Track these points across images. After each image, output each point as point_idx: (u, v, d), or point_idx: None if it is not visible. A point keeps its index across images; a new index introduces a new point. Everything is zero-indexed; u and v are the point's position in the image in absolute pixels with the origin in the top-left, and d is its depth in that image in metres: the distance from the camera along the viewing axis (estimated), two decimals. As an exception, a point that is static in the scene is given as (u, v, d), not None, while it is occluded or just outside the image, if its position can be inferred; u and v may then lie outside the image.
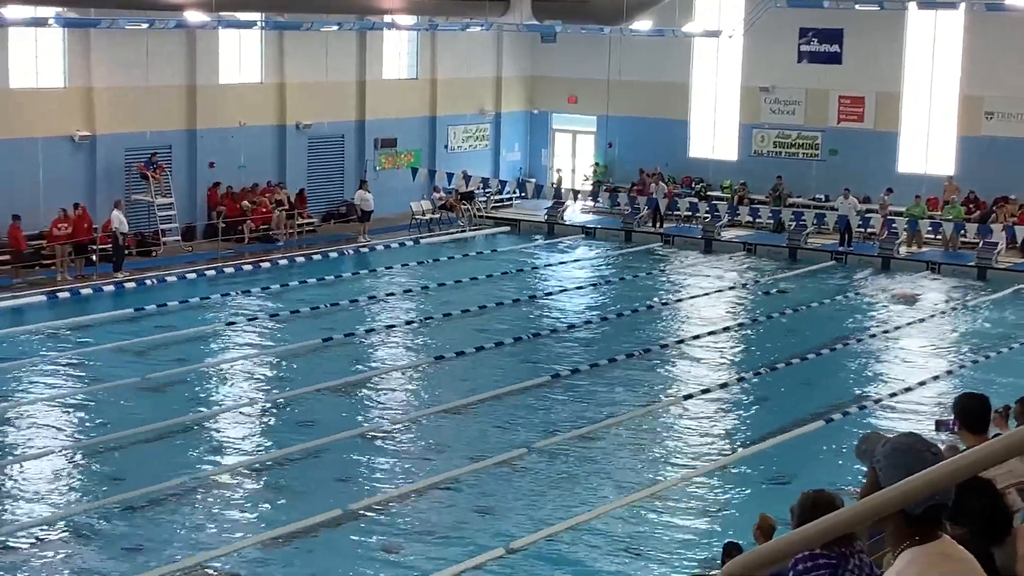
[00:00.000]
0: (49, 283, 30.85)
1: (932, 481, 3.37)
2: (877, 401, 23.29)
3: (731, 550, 11.89)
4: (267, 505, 18.00)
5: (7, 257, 30.89)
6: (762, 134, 42.32)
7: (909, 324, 29.24)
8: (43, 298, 29.65)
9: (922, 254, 36.67)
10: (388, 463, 19.83)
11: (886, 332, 28.52)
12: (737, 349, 27.50)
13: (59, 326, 27.48)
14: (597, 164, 45.12)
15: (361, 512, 17.42)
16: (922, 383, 24.41)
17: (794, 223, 38.42)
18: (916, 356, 26.81)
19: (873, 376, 25.45)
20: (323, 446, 20.14)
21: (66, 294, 30.05)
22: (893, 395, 23.63)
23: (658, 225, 40.21)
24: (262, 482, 18.91)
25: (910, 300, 30.64)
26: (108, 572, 15.51)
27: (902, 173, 39.90)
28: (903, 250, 36.80)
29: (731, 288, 33.11)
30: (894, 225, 37.21)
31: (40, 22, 30.40)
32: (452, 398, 22.86)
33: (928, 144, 40.02)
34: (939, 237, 37.39)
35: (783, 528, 11.01)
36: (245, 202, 36.45)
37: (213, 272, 32.84)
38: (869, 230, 37.71)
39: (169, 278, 32.00)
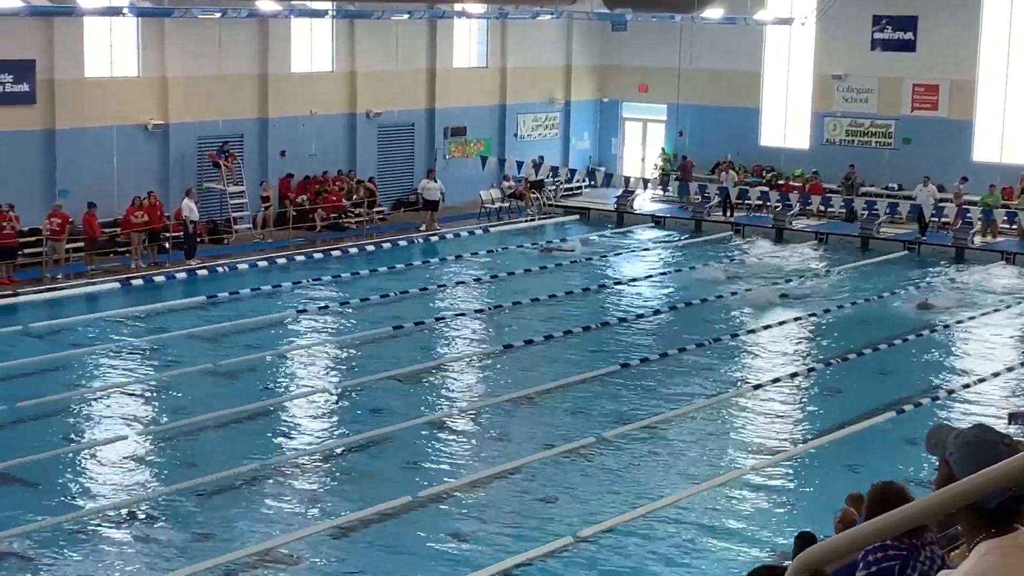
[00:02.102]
0: (123, 270, 31.22)
1: (1006, 474, 3.32)
2: (949, 392, 23.04)
3: (807, 539, 11.80)
4: (336, 492, 18.11)
5: (82, 244, 31.26)
6: (834, 122, 41.95)
7: (983, 314, 28.89)
8: (117, 285, 30.02)
9: (996, 244, 36.22)
10: (457, 451, 19.90)
11: (959, 322, 28.19)
12: (808, 339, 27.30)
13: (132, 313, 27.81)
14: (663, 151, 44.92)
15: (430, 499, 17.48)
16: (995, 374, 24.12)
17: (866, 212, 38.06)
18: (989, 347, 26.48)
19: (945, 367, 25.18)
20: (392, 433, 20.23)
21: (139, 281, 30.39)
22: (966, 386, 23.36)
23: (728, 214, 39.99)
24: (332, 469, 19.04)
25: (927, 307, 29.45)
26: (179, 557, 15.66)
27: (977, 162, 39.39)
28: (977, 240, 36.37)
29: (801, 278, 32.83)
30: (968, 214, 36.78)
31: (115, 11, 30.71)
32: (521, 387, 22.87)
33: (1004, 133, 39.48)
34: (1014, 227, 36.92)
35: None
36: (302, 197, 36.55)
37: (284, 260, 33.07)
38: (943, 219, 37.31)
39: (241, 266, 32.27)
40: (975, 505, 3.51)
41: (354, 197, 37.67)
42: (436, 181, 38.21)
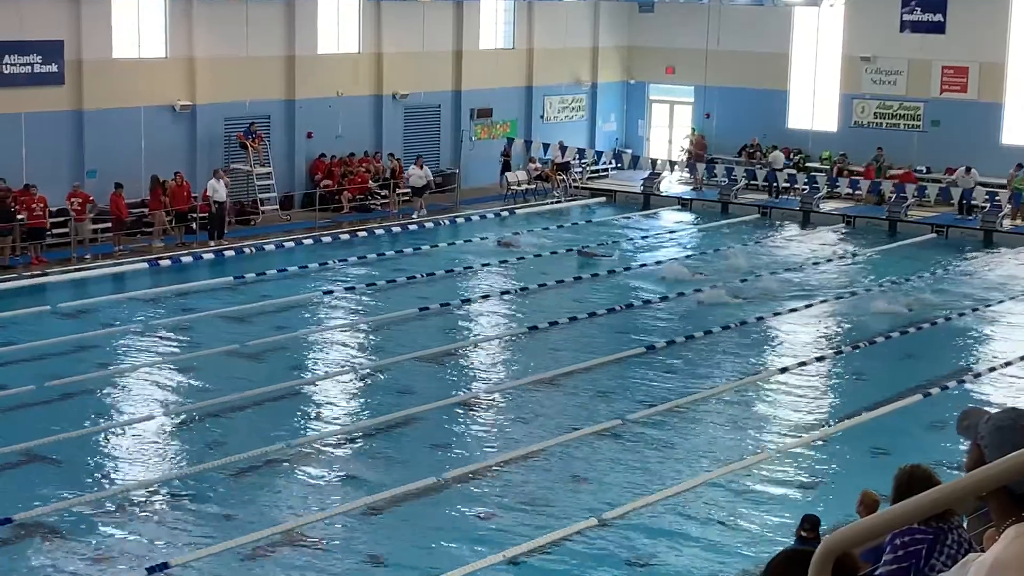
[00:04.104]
0: (150, 250, 31.31)
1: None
2: (977, 375, 22.96)
3: (812, 521, 11.79)
4: (362, 473, 18.14)
5: (109, 225, 31.37)
6: (863, 104, 41.75)
7: (1012, 298, 28.76)
8: (144, 265, 30.13)
9: (1025, 227, 36.07)
10: (482, 432, 19.92)
11: (987, 305, 28.07)
12: (834, 322, 27.21)
13: (160, 293, 27.92)
14: (693, 130, 44.71)
15: (455, 481, 17.51)
16: (1022, 357, 24.00)
17: (894, 195, 37.88)
18: (1016, 330, 26.35)
19: (973, 350, 25.09)
20: (418, 415, 20.27)
21: (167, 262, 30.48)
22: (992, 369, 23.29)
23: (775, 196, 39.69)
24: (357, 450, 19.09)
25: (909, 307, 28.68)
26: (206, 536, 15.73)
27: (1006, 145, 39.16)
28: (1006, 223, 36.17)
29: (828, 260, 32.74)
30: (996, 198, 36.57)
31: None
32: (546, 368, 22.89)
33: (1034, 115, 39.27)
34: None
35: (886, 504, 10.90)
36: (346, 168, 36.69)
37: (311, 241, 33.13)
38: (972, 202, 37.08)
39: (268, 247, 32.33)
40: (1006, 489, 3.49)
41: (386, 174, 37.72)
42: (422, 168, 37.82)
